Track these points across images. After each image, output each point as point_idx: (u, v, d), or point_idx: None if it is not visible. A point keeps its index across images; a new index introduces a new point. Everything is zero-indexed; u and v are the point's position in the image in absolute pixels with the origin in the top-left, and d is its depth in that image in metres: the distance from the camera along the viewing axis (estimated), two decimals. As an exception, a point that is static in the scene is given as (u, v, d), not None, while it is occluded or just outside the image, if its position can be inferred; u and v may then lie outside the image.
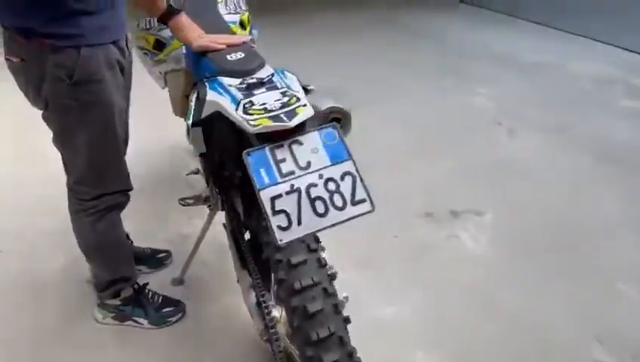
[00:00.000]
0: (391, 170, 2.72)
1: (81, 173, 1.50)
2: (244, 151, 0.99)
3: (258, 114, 1.02)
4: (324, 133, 1.03)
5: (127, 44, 1.50)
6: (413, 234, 2.32)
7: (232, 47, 1.35)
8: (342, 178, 1.00)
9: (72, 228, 1.64)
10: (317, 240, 1.15)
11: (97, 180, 1.52)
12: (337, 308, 1.09)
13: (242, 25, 1.93)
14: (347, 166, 1.01)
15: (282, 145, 1.01)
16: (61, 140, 1.47)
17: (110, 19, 1.36)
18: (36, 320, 1.84)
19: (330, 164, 1.01)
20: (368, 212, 1.00)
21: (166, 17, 1.39)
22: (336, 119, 1.19)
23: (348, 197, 0.99)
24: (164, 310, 1.82)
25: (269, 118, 1.01)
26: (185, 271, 1.98)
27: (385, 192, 1.51)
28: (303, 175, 0.98)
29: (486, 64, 4.38)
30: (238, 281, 1.46)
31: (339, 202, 0.98)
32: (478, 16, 5.99)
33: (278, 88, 1.14)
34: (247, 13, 2.00)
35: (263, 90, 1.13)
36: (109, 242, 1.66)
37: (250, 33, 1.97)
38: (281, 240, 0.95)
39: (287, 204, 0.96)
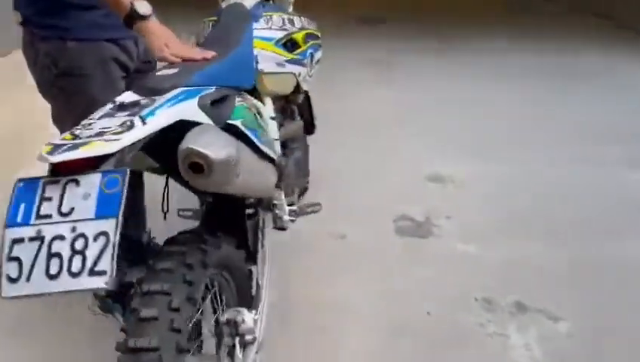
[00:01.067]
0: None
1: None
2: (17, 179, 0.87)
3: (71, 139, 0.90)
4: (107, 177, 0.84)
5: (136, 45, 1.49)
6: (451, 318, 1.92)
7: (188, 62, 1.23)
8: (95, 238, 0.82)
9: None
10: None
11: None
12: None
13: (292, 44, 1.80)
14: (108, 225, 0.83)
15: (58, 182, 0.86)
16: (54, 122, 1.52)
17: (105, 17, 1.35)
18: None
19: (92, 217, 0.83)
20: (101, 288, 0.81)
21: (128, 20, 1.30)
22: (195, 165, 0.95)
23: (88, 264, 0.80)
24: None
25: (64, 146, 0.87)
26: None
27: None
28: (56, 222, 0.82)
29: None
30: None
31: (76, 267, 0.80)
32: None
33: (134, 114, 0.98)
34: (303, 32, 1.86)
35: (120, 113, 0.99)
36: None
37: (303, 54, 1.83)
38: (5, 294, 0.80)
39: (25, 252, 0.81)
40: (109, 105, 1.04)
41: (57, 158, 0.84)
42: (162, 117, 0.98)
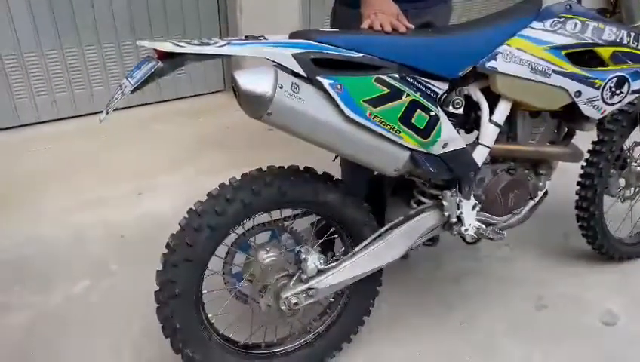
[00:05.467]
0: None
1: None
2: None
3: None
4: (146, 62, 1.19)
5: None
6: None
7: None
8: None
9: None
10: None
11: None
12: None
13: (591, 58, 1.48)
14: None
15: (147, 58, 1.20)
16: None
17: None
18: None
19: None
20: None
21: None
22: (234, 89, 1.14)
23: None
24: None
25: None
26: None
27: None
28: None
29: None
30: None
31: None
32: None
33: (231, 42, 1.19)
34: (614, 48, 1.48)
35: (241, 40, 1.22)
36: None
37: (600, 74, 1.48)
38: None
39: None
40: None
41: (148, 45, 1.15)
42: (246, 49, 1.18)
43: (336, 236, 1.58)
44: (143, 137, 2.93)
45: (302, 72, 1.20)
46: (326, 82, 1.21)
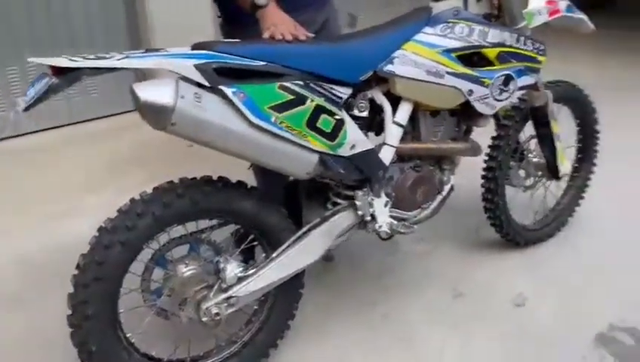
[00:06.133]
0: None
1: None
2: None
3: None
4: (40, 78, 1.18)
5: None
6: None
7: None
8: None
9: None
10: None
11: None
12: None
13: (480, 59, 1.60)
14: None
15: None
16: None
17: None
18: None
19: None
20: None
21: (252, 10, 1.50)
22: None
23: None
24: None
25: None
26: None
27: None
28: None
29: None
30: None
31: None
32: None
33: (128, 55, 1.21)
34: (499, 49, 1.61)
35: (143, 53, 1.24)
36: None
37: (489, 73, 1.61)
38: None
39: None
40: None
41: (41, 61, 1.13)
42: (146, 62, 1.19)
43: (256, 243, 1.60)
44: (57, 161, 2.82)
45: (204, 82, 1.22)
46: (229, 91, 1.24)
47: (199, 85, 1.23)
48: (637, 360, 1.68)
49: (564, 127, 2.14)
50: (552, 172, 2.08)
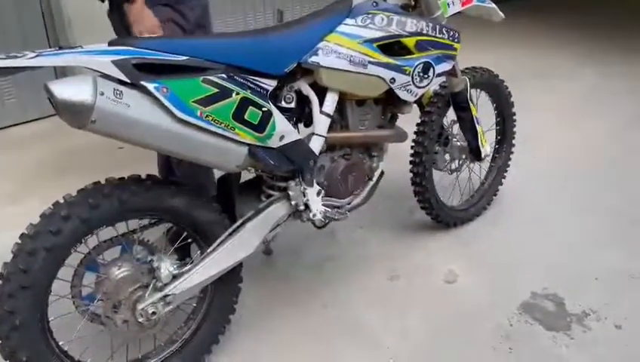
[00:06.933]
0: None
1: None
2: None
3: None
4: None
5: None
6: None
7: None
8: None
9: None
10: None
11: None
12: None
13: (401, 48, 1.66)
14: None
15: None
16: None
17: None
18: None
19: None
20: None
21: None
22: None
23: None
24: None
25: None
26: None
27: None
28: None
29: None
30: None
31: None
32: None
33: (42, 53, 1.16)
34: (416, 38, 1.68)
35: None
36: None
37: (408, 62, 1.68)
38: None
39: None
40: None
41: None
42: (60, 59, 1.16)
43: (190, 240, 1.59)
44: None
45: (124, 78, 1.20)
46: (151, 86, 1.22)
47: (120, 82, 1.21)
48: (557, 321, 1.81)
49: (483, 111, 2.26)
50: (475, 154, 2.20)
